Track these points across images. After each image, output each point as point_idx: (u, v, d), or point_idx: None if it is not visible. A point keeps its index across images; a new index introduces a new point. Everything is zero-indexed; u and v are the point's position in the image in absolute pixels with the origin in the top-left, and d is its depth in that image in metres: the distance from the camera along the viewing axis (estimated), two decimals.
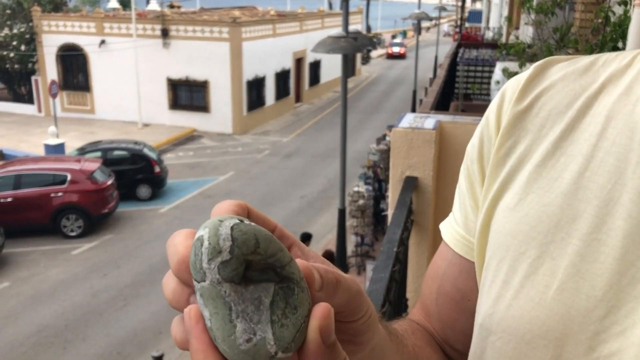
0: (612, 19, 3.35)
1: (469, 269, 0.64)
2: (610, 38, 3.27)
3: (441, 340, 0.69)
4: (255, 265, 0.33)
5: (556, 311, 0.51)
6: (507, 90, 0.63)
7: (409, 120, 2.78)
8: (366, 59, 36.12)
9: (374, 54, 39.38)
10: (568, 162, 0.55)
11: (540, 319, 0.51)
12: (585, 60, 0.60)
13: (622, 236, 0.49)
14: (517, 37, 7.42)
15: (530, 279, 0.53)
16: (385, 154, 10.11)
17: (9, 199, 11.44)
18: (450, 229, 0.68)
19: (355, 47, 7.08)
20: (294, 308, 0.34)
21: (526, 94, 0.60)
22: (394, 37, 48.57)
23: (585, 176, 0.53)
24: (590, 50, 3.49)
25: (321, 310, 0.34)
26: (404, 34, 53.12)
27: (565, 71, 0.60)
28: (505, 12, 13.05)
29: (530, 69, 0.62)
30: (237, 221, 0.33)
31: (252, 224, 0.34)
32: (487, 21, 21.45)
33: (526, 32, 6.98)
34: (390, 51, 40.67)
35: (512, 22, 8.32)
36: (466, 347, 0.63)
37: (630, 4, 2.97)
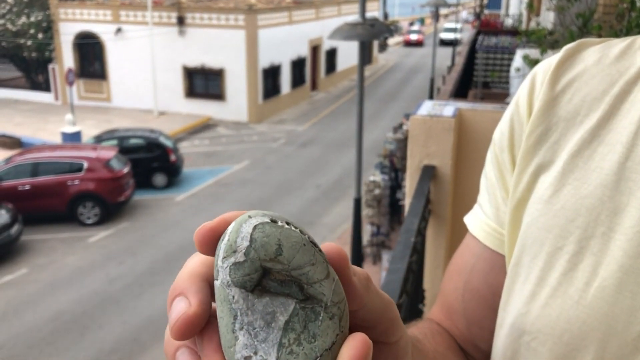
0: (638, 4, 3.23)
1: (501, 263, 0.61)
2: (636, 24, 3.15)
3: (465, 339, 0.65)
4: (276, 275, 0.29)
5: (598, 310, 0.48)
6: (537, 75, 0.60)
7: (427, 107, 2.71)
8: (383, 47, 35.88)
9: (391, 41, 39.09)
10: (607, 151, 0.52)
11: (581, 318, 0.49)
12: (620, 43, 0.58)
13: None
14: (538, 24, 7.27)
15: (568, 276, 0.51)
16: (402, 143, 10.02)
17: (27, 187, 11.55)
18: (479, 221, 0.64)
19: (372, 35, 6.97)
20: (312, 336, 0.29)
21: (558, 78, 0.57)
22: (411, 24, 48.16)
23: (627, 166, 0.50)
24: (615, 37, 3.39)
25: (360, 340, 0.29)
26: (422, 21, 52.64)
27: (599, 55, 0.57)
28: None
29: (561, 51, 0.59)
30: (267, 220, 0.29)
31: (289, 227, 0.29)
32: (507, 8, 21.16)
33: (547, 19, 6.83)
34: (407, 39, 40.35)
35: (533, 8, 8.16)
36: (491, 347, 0.61)
37: None
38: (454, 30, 35.61)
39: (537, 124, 0.57)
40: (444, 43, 36.54)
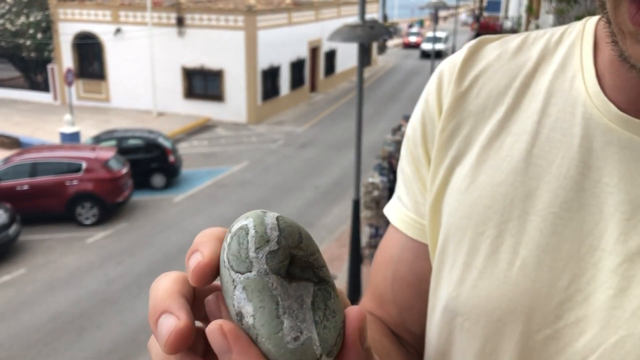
0: None
1: (424, 251, 0.65)
2: None
3: (397, 325, 0.68)
4: (296, 262, 0.32)
5: (522, 286, 0.52)
6: (444, 72, 0.63)
7: None
8: (382, 49, 35.89)
9: (390, 43, 39.12)
10: (514, 141, 0.56)
11: (507, 295, 0.53)
12: (516, 39, 0.62)
13: (577, 207, 0.51)
14: (537, 27, 7.27)
15: (492, 258, 0.55)
16: (401, 145, 10.02)
17: (25, 187, 11.54)
18: (399, 214, 0.68)
19: (372, 36, 6.97)
20: (332, 312, 0.32)
21: (464, 75, 0.61)
22: (410, 26, 48.20)
23: (534, 153, 0.54)
24: None
25: (357, 313, 0.33)
26: (421, 23, 52.69)
27: (499, 51, 0.61)
28: (525, 1, 12.84)
29: (464, 49, 0.63)
30: (279, 214, 0.32)
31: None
32: (506, 10, 21.19)
33: (547, 21, 6.84)
34: (406, 41, 40.38)
35: (532, 10, 8.19)
36: (422, 329, 0.66)
37: None
38: (437, 40, 30.73)
39: (448, 120, 0.61)
40: (425, 55, 31.62)
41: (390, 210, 0.70)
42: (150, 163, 13.46)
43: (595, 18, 0.58)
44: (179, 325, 0.30)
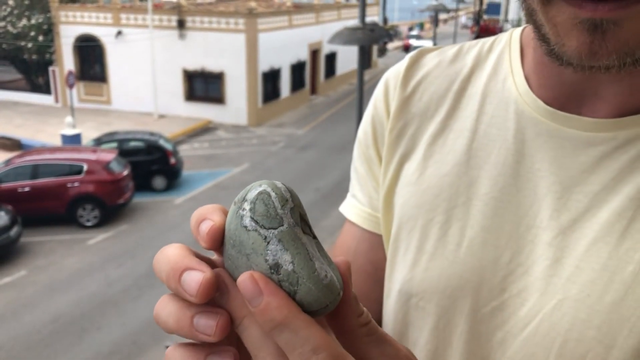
0: None
1: (379, 242, 0.71)
2: None
3: None
4: (302, 219, 0.36)
5: (470, 264, 0.58)
6: (390, 80, 0.71)
7: None
8: (382, 51, 35.94)
9: (390, 46, 39.17)
10: (456, 137, 0.63)
11: (457, 274, 0.58)
12: (452, 49, 0.70)
13: (515, 191, 0.57)
14: None
15: (442, 241, 0.60)
16: None
17: (27, 189, 11.56)
18: (355, 209, 0.74)
19: (372, 39, 7.01)
20: (329, 260, 0.36)
21: (408, 81, 0.69)
22: (411, 29, 48.28)
23: (474, 147, 0.61)
24: None
25: (344, 260, 0.37)
26: (421, 26, 52.76)
27: (437, 59, 0.69)
28: None
29: (406, 59, 0.71)
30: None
31: None
32: (506, 13, 21.23)
33: None
34: (407, 43, 40.44)
35: None
36: (380, 315, 0.71)
37: None
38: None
39: (396, 121, 0.68)
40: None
41: (346, 207, 0.76)
42: (151, 165, 13.48)
43: (519, 29, 0.66)
44: (207, 276, 0.33)
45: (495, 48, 0.66)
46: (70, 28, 20.96)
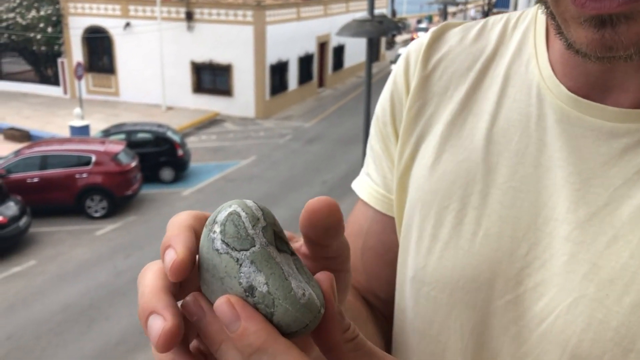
0: None
1: (392, 224, 0.69)
2: None
3: (366, 291, 0.73)
4: (276, 236, 0.35)
5: (485, 255, 0.56)
6: (410, 55, 0.68)
7: None
8: (391, 44, 35.80)
9: (398, 39, 39.01)
10: (476, 120, 0.60)
11: (472, 264, 0.56)
12: (476, 25, 0.66)
13: (534, 181, 0.55)
14: None
15: (457, 229, 0.58)
16: None
17: (35, 179, 11.64)
18: (368, 189, 0.72)
19: (381, 31, 6.99)
20: (309, 276, 0.35)
21: (429, 58, 0.65)
22: (419, 21, 48.03)
23: (493, 132, 0.58)
24: None
25: (327, 275, 0.36)
26: (430, 18, 52.47)
27: (460, 36, 0.66)
28: None
29: (429, 34, 0.67)
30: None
31: None
32: (515, 6, 21.08)
33: None
34: (415, 36, 40.23)
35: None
36: (389, 295, 0.70)
37: None
38: None
39: (415, 100, 0.65)
40: None
41: (359, 185, 0.74)
42: (159, 157, 13.54)
43: None
44: (167, 326, 0.31)
45: (520, 25, 0.63)
46: (79, 19, 21.01)
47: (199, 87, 20.28)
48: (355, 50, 24.80)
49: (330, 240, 0.36)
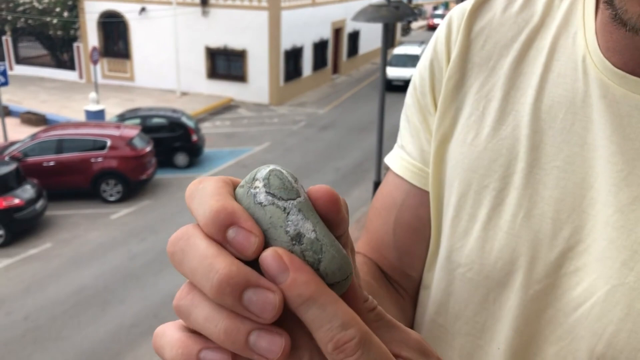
0: None
1: (427, 198, 0.66)
2: None
3: (395, 269, 0.69)
4: None
5: (525, 237, 0.54)
6: (453, 20, 0.64)
7: None
8: (406, 30, 35.50)
9: (414, 25, 38.66)
10: (519, 95, 0.57)
11: (511, 246, 0.55)
12: None
13: (579, 161, 0.52)
14: None
15: (497, 210, 0.56)
16: None
17: (51, 163, 11.75)
18: (403, 162, 0.68)
19: (397, 17, 6.92)
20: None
21: (472, 25, 0.62)
22: (435, 8, 47.53)
23: (538, 107, 0.55)
24: None
25: (349, 241, 0.35)
26: (446, 5, 51.88)
27: (505, 3, 0.62)
28: None
29: None
30: None
31: None
32: None
33: None
34: (431, 22, 39.88)
35: None
36: (419, 273, 0.68)
37: None
38: (412, 59, 20.45)
39: (455, 70, 0.62)
40: (393, 88, 19.10)
41: (393, 158, 0.70)
42: (173, 142, 13.59)
43: None
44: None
45: None
46: (95, 4, 21.05)
47: (214, 72, 20.28)
48: (370, 37, 24.63)
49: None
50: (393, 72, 19.95)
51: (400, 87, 19.56)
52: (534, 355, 0.54)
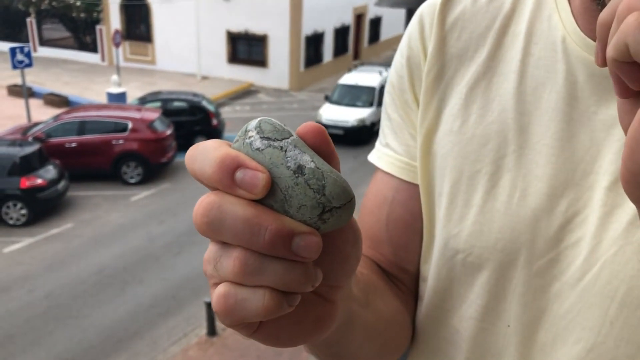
0: None
1: (418, 192, 0.67)
2: None
3: (391, 264, 0.70)
4: None
5: (523, 215, 0.55)
6: (424, 16, 0.65)
7: None
8: None
9: None
10: (502, 80, 0.58)
11: (510, 225, 0.55)
12: None
13: (568, 137, 0.53)
14: None
15: (492, 193, 0.57)
16: None
17: (73, 144, 11.88)
18: (389, 158, 0.69)
19: (421, 2, 6.84)
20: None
21: (445, 19, 0.63)
22: None
23: (521, 90, 0.57)
24: None
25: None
26: None
27: None
28: None
29: None
30: None
31: None
32: None
33: None
34: None
35: None
36: (416, 266, 0.68)
37: None
38: (367, 91, 14.56)
39: (433, 63, 0.63)
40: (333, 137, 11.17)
41: (377, 157, 0.71)
42: (193, 125, 13.65)
43: None
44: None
45: None
46: None
47: (234, 57, 20.28)
48: (392, 23, 24.39)
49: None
50: (329, 114, 14.03)
51: (338, 136, 13.44)
52: (546, 331, 0.55)
